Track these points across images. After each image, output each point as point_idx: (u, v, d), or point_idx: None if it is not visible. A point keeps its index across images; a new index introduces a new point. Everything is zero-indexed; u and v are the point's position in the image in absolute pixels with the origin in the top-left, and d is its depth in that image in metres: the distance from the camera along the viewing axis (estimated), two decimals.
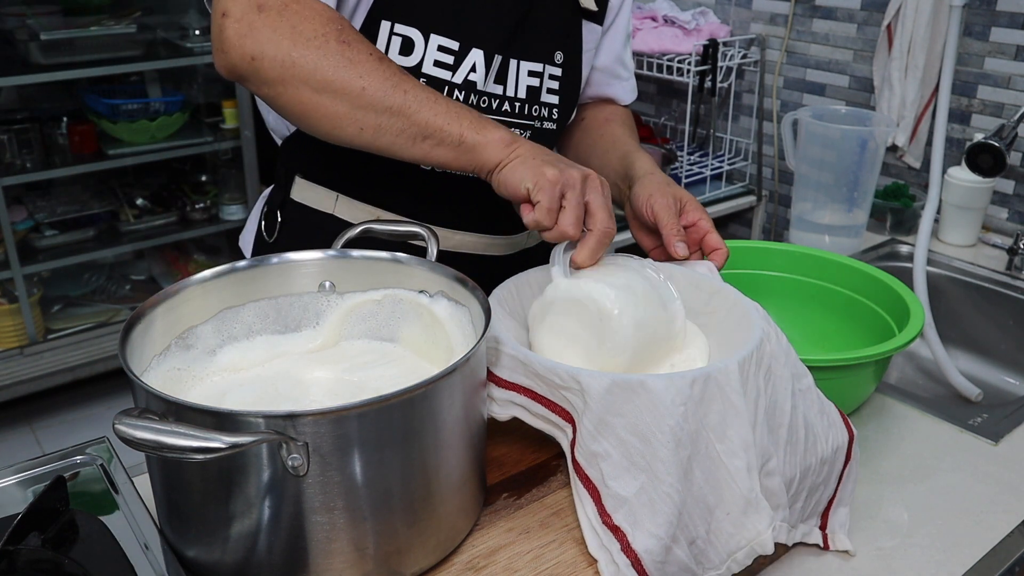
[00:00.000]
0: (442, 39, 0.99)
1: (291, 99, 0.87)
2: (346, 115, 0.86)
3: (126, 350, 0.71)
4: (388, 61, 0.87)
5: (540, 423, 0.81)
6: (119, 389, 2.79)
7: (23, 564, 0.68)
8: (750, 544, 0.76)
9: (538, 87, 1.08)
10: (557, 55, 1.09)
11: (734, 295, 0.91)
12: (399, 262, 0.88)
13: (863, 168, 1.59)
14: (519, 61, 1.05)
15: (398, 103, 0.85)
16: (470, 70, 1.01)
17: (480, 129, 0.86)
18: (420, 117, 0.85)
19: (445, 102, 0.86)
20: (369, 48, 0.87)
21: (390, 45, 0.98)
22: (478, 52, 1.01)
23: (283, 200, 1.11)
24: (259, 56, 0.85)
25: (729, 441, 0.74)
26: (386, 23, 0.98)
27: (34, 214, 2.78)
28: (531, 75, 1.07)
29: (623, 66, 1.25)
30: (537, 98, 1.08)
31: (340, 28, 0.86)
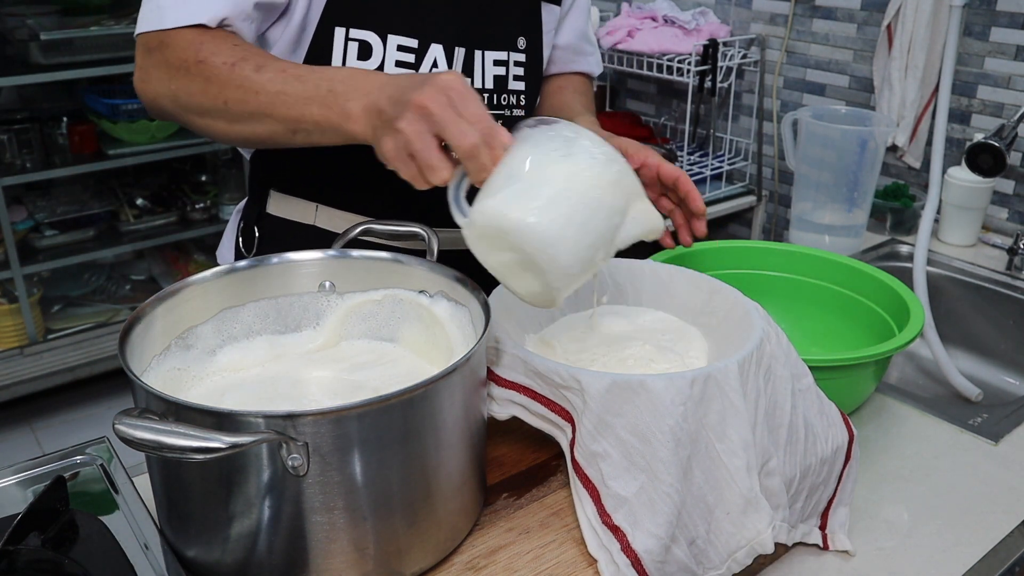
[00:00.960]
0: (400, 38, 0.99)
1: (196, 127, 0.90)
2: (229, 129, 0.88)
3: (126, 350, 0.71)
4: (242, 63, 0.85)
5: (539, 422, 0.81)
6: (119, 389, 2.79)
7: (23, 564, 0.68)
8: (750, 544, 0.76)
9: (505, 75, 1.08)
10: (520, 41, 1.09)
11: (734, 295, 0.91)
12: (399, 262, 0.88)
13: (863, 168, 1.59)
14: (483, 52, 1.05)
15: (255, 107, 0.84)
16: (432, 66, 1.01)
17: (329, 109, 0.80)
18: (278, 114, 0.83)
19: (295, 87, 0.82)
20: (224, 57, 0.85)
21: (347, 51, 0.98)
22: (438, 47, 1.01)
23: (259, 214, 1.11)
24: (156, 96, 0.90)
25: (729, 441, 0.74)
26: (340, 30, 0.97)
27: (34, 214, 2.78)
28: (496, 64, 1.06)
29: (587, 41, 1.26)
30: (505, 86, 1.08)
31: (197, 48, 0.86)
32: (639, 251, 1.04)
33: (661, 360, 0.86)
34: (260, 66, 0.84)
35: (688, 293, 0.96)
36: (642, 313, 0.97)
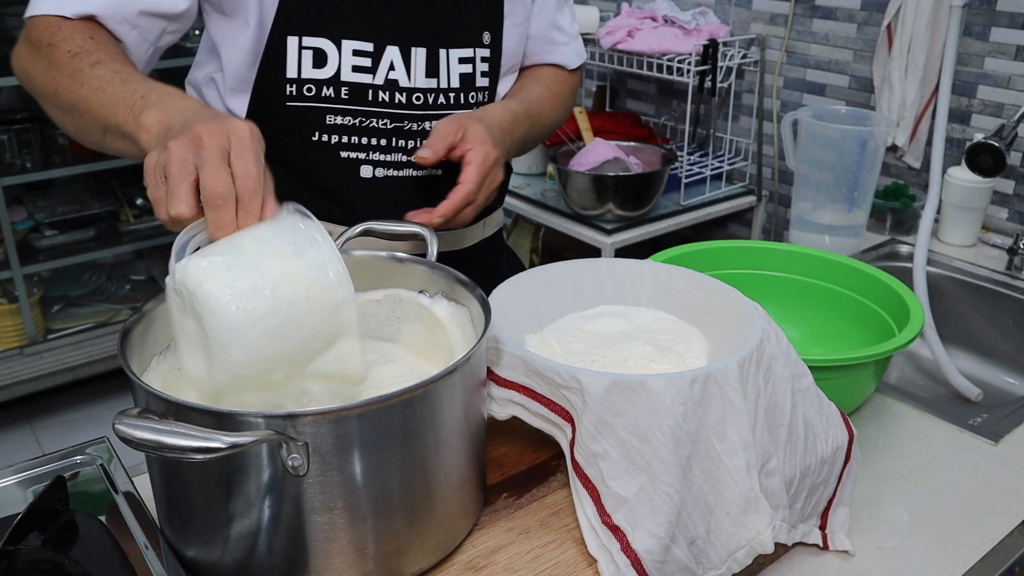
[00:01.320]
0: (355, 43, 0.98)
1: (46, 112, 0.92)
2: (61, 118, 0.90)
3: (126, 350, 0.71)
4: (84, 55, 0.85)
5: (539, 422, 0.81)
6: (119, 389, 2.79)
7: (23, 564, 0.68)
8: (750, 544, 0.76)
9: (472, 73, 1.06)
10: (484, 35, 1.07)
11: (734, 295, 0.91)
12: (399, 262, 0.88)
13: (863, 168, 1.59)
14: (447, 50, 1.03)
15: (77, 99, 0.84)
16: (389, 68, 1.00)
17: (131, 115, 0.78)
18: (93, 110, 0.83)
19: (115, 88, 0.82)
20: (72, 45, 0.86)
21: (302, 60, 0.98)
22: (393, 49, 1.00)
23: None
24: (18, 71, 0.94)
25: (729, 441, 0.74)
26: (293, 38, 0.97)
27: (34, 214, 2.78)
28: (462, 62, 1.05)
29: (558, 30, 1.22)
30: (472, 84, 1.07)
31: (53, 32, 0.88)
32: (639, 251, 1.05)
33: (661, 360, 0.86)
34: (98, 62, 0.85)
35: (688, 293, 0.96)
36: (642, 313, 0.97)
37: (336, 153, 1.02)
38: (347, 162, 1.03)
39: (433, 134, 0.97)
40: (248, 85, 1.01)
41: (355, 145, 1.03)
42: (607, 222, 2.14)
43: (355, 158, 1.03)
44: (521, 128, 1.09)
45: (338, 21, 0.98)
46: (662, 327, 0.95)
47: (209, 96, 1.06)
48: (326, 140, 1.02)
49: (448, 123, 0.98)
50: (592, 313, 0.97)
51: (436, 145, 0.95)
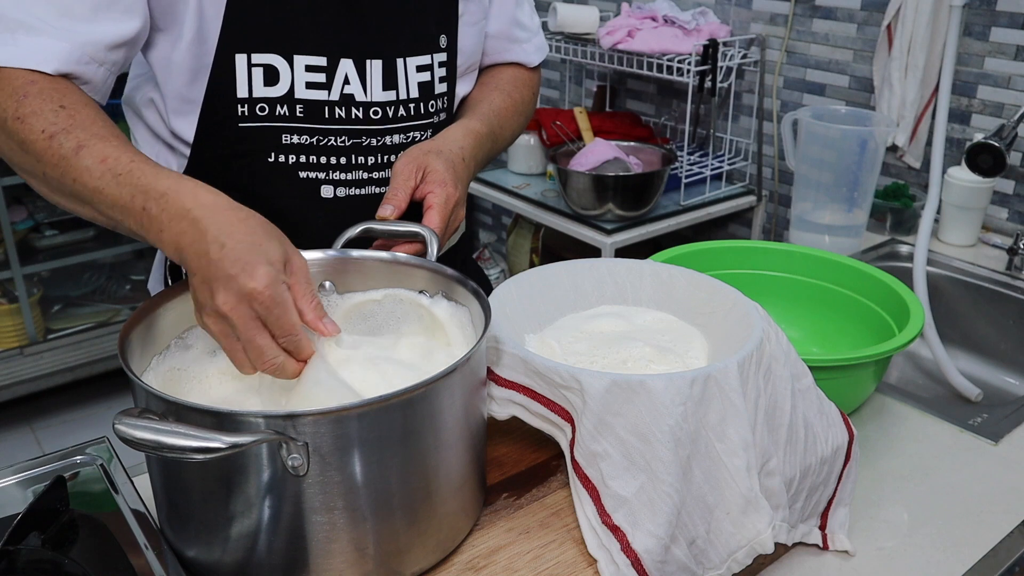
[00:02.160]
0: (307, 58, 0.93)
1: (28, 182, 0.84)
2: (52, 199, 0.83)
3: (126, 350, 0.71)
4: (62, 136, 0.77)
5: (539, 422, 0.81)
6: (119, 389, 2.79)
7: (23, 564, 0.68)
8: (750, 544, 0.76)
9: (430, 81, 1.02)
10: (441, 39, 1.02)
11: (734, 295, 0.91)
12: (399, 262, 0.88)
13: (863, 168, 1.59)
14: (404, 59, 0.99)
15: (71, 192, 0.78)
16: (344, 82, 0.95)
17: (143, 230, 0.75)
18: (96, 209, 0.78)
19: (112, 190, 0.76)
20: (45, 121, 0.78)
21: (252, 78, 0.92)
22: (347, 62, 0.95)
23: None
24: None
25: (729, 441, 0.74)
26: (241, 56, 0.91)
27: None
28: (420, 70, 1.01)
29: (520, 27, 1.17)
30: (431, 92, 1.02)
31: (20, 98, 0.79)
32: (639, 251, 1.05)
33: (661, 360, 0.86)
34: (80, 146, 0.77)
35: (688, 293, 0.96)
36: (642, 313, 0.97)
37: (294, 174, 0.98)
38: (306, 182, 0.98)
39: (393, 182, 0.93)
40: (193, 106, 0.95)
41: (313, 164, 0.98)
42: (607, 222, 2.14)
43: (314, 178, 0.99)
44: (484, 149, 1.05)
45: (288, 35, 0.92)
46: (662, 327, 0.95)
47: (150, 119, 1.00)
48: (283, 161, 0.97)
49: (406, 164, 0.93)
50: (592, 313, 0.97)
51: (398, 199, 0.91)
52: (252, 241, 0.71)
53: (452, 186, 0.93)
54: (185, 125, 0.97)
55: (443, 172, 0.93)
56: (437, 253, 0.88)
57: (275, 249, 0.72)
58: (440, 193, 0.92)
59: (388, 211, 0.91)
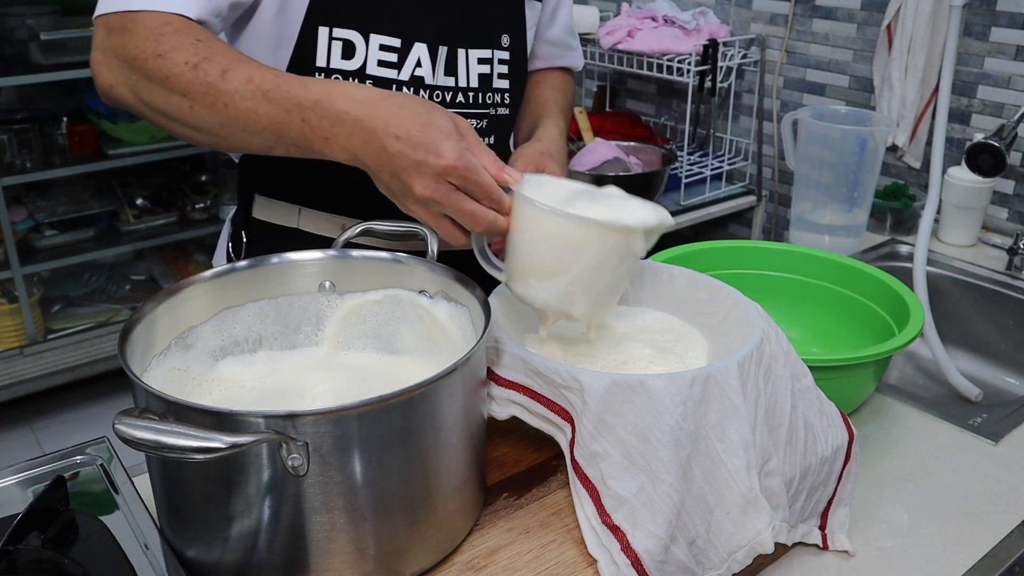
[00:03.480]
0: (383, 38, 0.98)
1: (157, 125, 0.85)
2: (197, 137, 0.84)
3: (126, 350, 0.71)
4: (206, 65, 0.79)
5: (539, 422, 0.81)
6: (119, 389, 2.79)
7: (23, 564, 0.68)
8: (750, 544, 0.76)
9: (489, 74, 1.07)
10: (504, 38, 1.08)
11: (734, 295, 0.91)
12: (399, 262, 0.88)
13: (863, 168, 1.59)
14: (467, 50, 1.04)
15: (223, 120, 0.79)
16: (415, 65, 1.00)
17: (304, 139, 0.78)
18: (250, 131, 0.80)
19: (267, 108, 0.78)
20: (187, 55, 0.79)
21: (331, 50, 0.97)
22: (421, 46, 1.00)
23: (246, 219, 1.10)
24: (114, 84, 0.84)
25: (729, 440, 0.74)
26: (324, 29, 0.96)
27: (34, 214, 2.77)
28: (481, 62, 1.05)
29: (573, 36, 1.26)
30: (489, 85, 1.07)
31: (158, 38, 0.80)
32: None
33: (661, 361, 0.86)
34: (225, 70, 0.79)
35: (688, 293, 0.96)
36: (642, 313, 0.97)
37: None
38: None
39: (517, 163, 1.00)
40: None
41: None
42: None
43: None
44: (566, 146, 1.14)
45: (368, 15, 0.97)
46: (662, 327, 0.95)
47: None
48: None
49: (525, 165, 1.00)
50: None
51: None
52: (423, 122, 0.75)
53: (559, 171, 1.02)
54: None
55: (559, 174, 1.02)
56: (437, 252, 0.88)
57: (444, 120, 0.77)
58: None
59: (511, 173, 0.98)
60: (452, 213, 0.77)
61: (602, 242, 0.78)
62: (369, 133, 0.75)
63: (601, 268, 0.79)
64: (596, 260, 0.78)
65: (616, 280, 0.82)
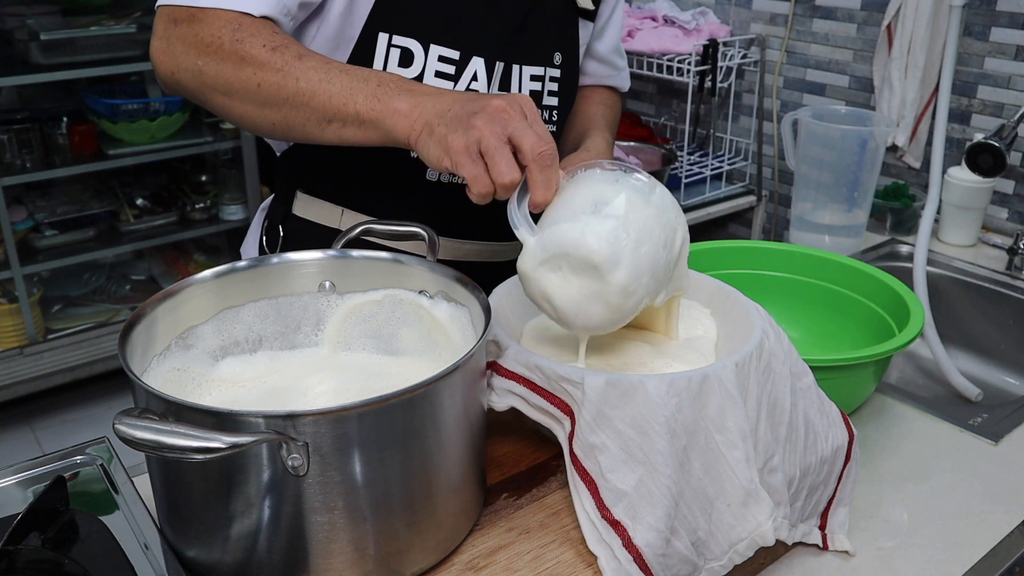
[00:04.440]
0: (442, 49, 0.98)
1: (215, 106, 0.88)
2: (255, 113, 0.86)
3: (126, 350, 0.71)
4: (283, 49, 0.84)
5: (538, 415, 0.81)
6: (119, 389, 2.79)
7: (23, 564, 0.68)
8: (751, 536, 0.76)
9: (540, 91, 1.07)
10: (556, 56, 1.08)
11: (734, 295, 0.91)
12: (399, 262, 0.88)
13: (863, 168, 1.59)
14: (521, 67, 1.04)
15: (292, 92, 0.82)
16: (471, 79, 1.00)
17: (376, 101, 0.80)
18: (317, 102, 0.82)
19: (341, 78, 0.82)
20: (264, 40, 0.84)
21: (388, 57, 0.98)
22: (479, 60, 1.00)
23: (285, 214, 1.10)
24: (176, 70, 0.87)
25: (728, 432, 0.74)
26: (383, 35, 0.97)
27: (34, 214, 2.78)
28: (533, 79, 1.06)
29: (620, 56, 1.26)
30: (539, 101, 1.07)
31: (236, 27, 0.84)
32: None
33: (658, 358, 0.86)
34: (302, 55, 0.83)
35: (688, 293, 0.96)
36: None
37: (405, 154, 1.02)
38: (415, 163, 1.02)
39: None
40: None
41: None
42: None
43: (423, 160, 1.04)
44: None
45: (429, 25, 0.98)
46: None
47: None
48: None
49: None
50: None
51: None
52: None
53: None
54: None
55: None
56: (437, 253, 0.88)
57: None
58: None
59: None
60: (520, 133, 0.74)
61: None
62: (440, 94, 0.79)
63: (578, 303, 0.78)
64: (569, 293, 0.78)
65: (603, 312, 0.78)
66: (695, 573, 0.75)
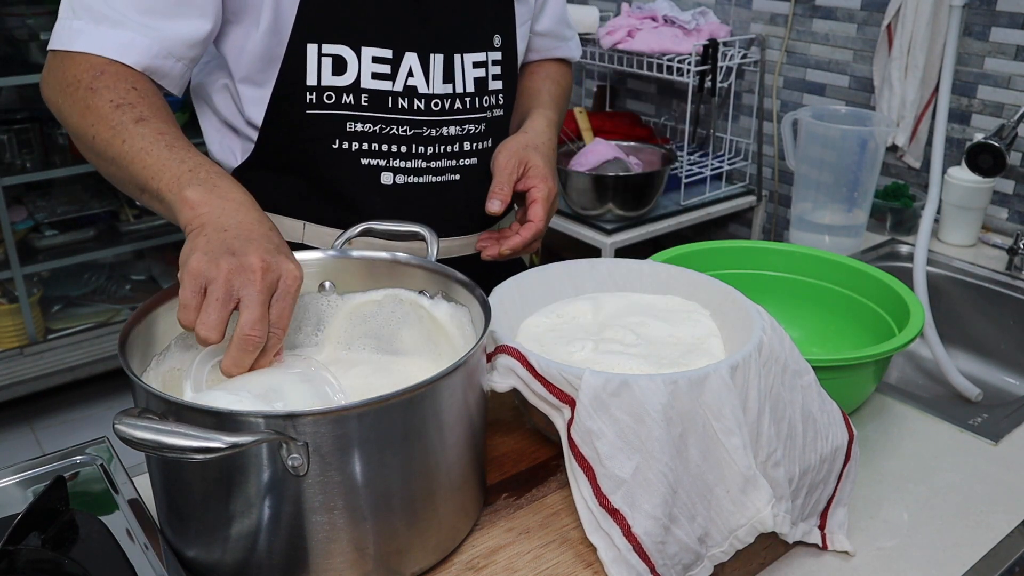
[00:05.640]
0: (374, 50, 0.98)
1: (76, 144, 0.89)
2: (95, 161, 0.87)
3: (126, 350, 0.71)
4: (127, 108, 0.84)
5: (536, 400, 0.80)
6: (119, 389, 2.79)
7: (23, 564, 0.68)
8: (750, 522, 0.76)
9: (484, 76, 1.07)
10: (495, 39, 1.07)
11: (734, 295, 0.91)
12: (399, 262, 0.88)
13: (863, 168, 1.59)
14: (462, 55, 1.04)
15: (117, 153, 0.83)
16: (408, 75, 1.00)
17: (178, 187, 0.78)
18: (133, 169, 0.82)
19: (160, 152, 0.81)
20: (115, 95, 0.85)
21: (321, 67, 0.97)
22: (412, 55, 0.99)
23: None
24: (48, 100, 0.91)
25: (725, 419, 0.74)
26: (312, 46, 0.96)
27: (34, 214, 2.78)
28: (476, 66, 1.05)
29: (567, 26, 1.25)
30: (485, 88, 1.07)
31: (96, 75, 0.86)
32: (639, 251, 1.05)
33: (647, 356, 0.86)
34: (141, 118, 0.83)
35: (688, 293, 0.96)
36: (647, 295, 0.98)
37: (356, 160, 1.02)
38: (368, 169, 1.02)
39: (497, 176, 1.01)
40: (263, 92, 1.00)
41: (375, 152, 1.02)
42: (607, 222, 2.14)
43: (375, 165, 1.02)
44: (556, 137, 1.14)
45: (357, 28, 0.97)
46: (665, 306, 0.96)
47: (220, 104, 1.04)
48: (347, 147, 1.01)
49: (507, 159, 1.01)
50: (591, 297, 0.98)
51: (504, 192, 1.00)
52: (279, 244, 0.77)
53: (552, 181, 1.02)
54: (254, 111, 1.01)
55: (543, 167, 1.03)
56: (437, 253, 0.88)
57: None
58: (543, 188, 1.01)
59: (496, 206, 0.99)
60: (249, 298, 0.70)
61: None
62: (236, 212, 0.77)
63: None
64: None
65: None
66: (696, 561, 0.75)
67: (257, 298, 0.70)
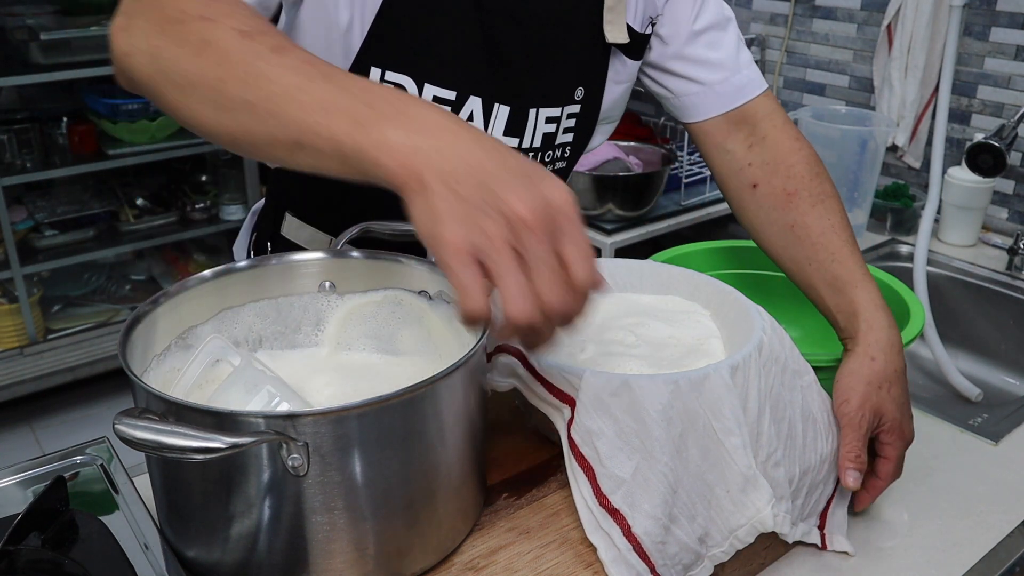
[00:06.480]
0: (437, 89, 0.90)
1: (169, 105, 0.67)
2: (212, 120, 0.65)
3: (126, 350, 0.71)
4: (259, 36, 0.64)
5: (538, 401, 0.81)
6: (119, 389, 2.79)
7: (23, 564, 0.68)
8: (751, 522, 0.76)
9: (554, 132, 0.98)
10: (578, 91, 0.97)
11: (734, 295, 0.91)
12: (399, 262, 0.88)
13: (863, 168, 1.59)
14: (537, 109, 0.95)
15: (260, 97, 0.61)
16: (467, 119, 0.91)
17: (365, 128, 0.58)
18: (289, 115, 0.60)
19: (319, 86, 0.60)
20: (237, 21, 0.65)
21: None
22: (475, 100, 0.91)
23: (274, 233, 1.05)
24: (131, 51, 0.68)
25: (725, 419, 0.75)
26: (376, 70, 0.89)
27: (34, 214, 2.78)
28: (548, 122, 0.96)
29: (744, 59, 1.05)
30: (552, 142, 0.98)
31: (207, 3, 0.66)
32: (639, 251, 1.05)
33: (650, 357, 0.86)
34: (280, 47, 0.63)
35: (688, 293, 0.96)
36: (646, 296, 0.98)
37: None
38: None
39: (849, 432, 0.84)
40: None
41: None
42: (607, 222, 2.14)
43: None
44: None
45: (423, 62, 0.89)
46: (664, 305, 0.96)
47: None
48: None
49: (859, 410, 0.85)
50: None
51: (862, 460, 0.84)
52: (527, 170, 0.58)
53: (910, 432, 0.88)
54: None
55: (900, 418, 0.87)
56: None
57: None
58: (899, 446, 0.87)
59: (852, 479, 0.83)
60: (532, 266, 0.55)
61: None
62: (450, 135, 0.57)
63: None
64: None
65: None
66: (696, 561, 0.75)
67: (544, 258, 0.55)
